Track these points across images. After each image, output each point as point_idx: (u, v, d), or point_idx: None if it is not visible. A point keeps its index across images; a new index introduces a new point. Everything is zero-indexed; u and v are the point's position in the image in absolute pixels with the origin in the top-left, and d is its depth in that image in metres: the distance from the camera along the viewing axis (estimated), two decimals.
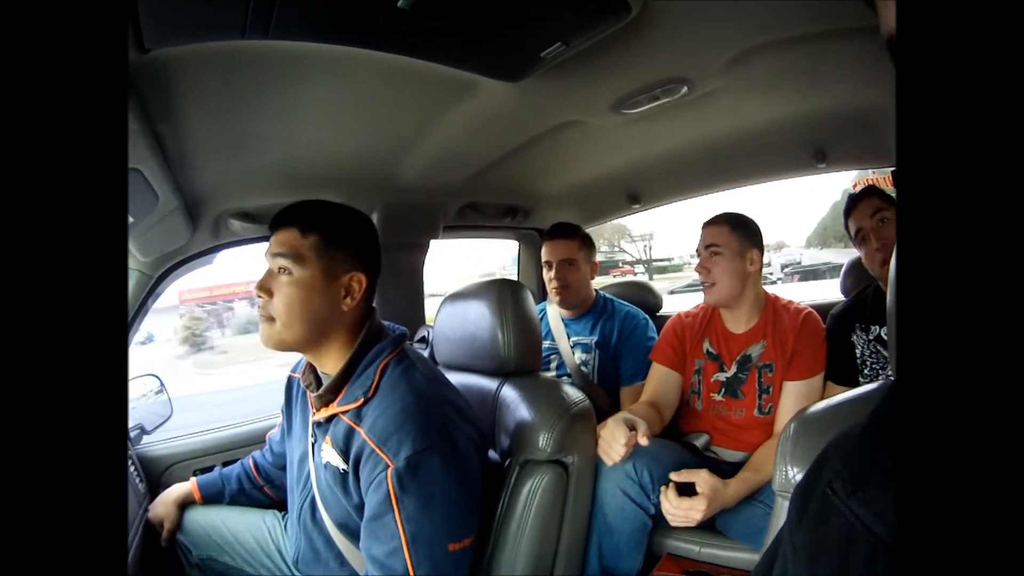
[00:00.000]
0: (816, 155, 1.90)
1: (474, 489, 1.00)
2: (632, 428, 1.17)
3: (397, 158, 1.53)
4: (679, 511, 1.19)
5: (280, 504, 1.38)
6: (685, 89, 1.27)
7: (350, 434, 0.99)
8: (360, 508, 0.98)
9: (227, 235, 1.60)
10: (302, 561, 1.15)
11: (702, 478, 1.21)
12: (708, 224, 1.53)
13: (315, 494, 1.10)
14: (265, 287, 1.00)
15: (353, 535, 1.03)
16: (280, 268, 0.99)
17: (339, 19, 0.84)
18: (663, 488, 1.22)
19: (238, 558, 1.31)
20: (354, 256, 1.03)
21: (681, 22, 1.01)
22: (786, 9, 1.00)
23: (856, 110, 1.52)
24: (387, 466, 0.92)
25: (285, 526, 1.33)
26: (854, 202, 1.52)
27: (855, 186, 1.55)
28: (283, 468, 1.37)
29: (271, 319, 1.00)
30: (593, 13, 0.90)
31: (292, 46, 0.90)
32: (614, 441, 1.15)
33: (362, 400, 0.99)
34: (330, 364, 1.05)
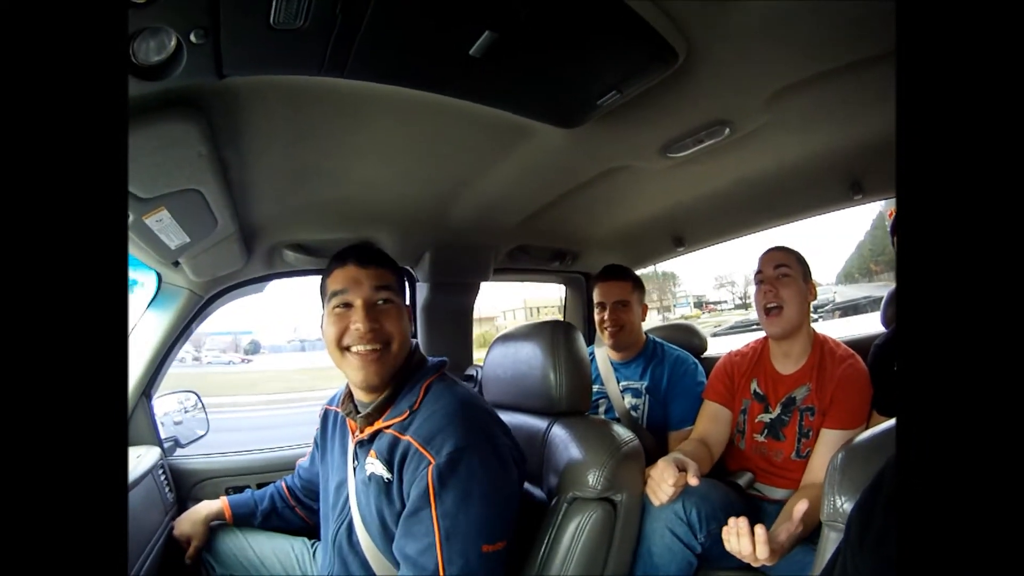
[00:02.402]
0: (852, 187, 1.90)
1: (511, 496, 1.02)
2: (682, 469, 1.15)
3: (451, 199, 1.56)
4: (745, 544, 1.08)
5: (310, 530, 1.39)
6: (728, 131, 1.29)
7: (395, 443, 1.03)
8: (400, 514, 1.01)
9: (281, 265, 1.65)
10: None
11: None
12: (772, 250, 1.51)
13: (353, 517, 1.12)
14: (376, 319, 1.06)
15: (390, 554, 1.04)
16: (384, 299, 1.08)
17: (413, 63, 0.87)
18: (733, 522, 1.10)
19: None
20: (403, 298, 1.13)
21: (724, 65, 1.03)
22: (823, 41, 1.02)
23: (891, 137, 1.51)
24: (429, 463, 0.96)
25: (314, 553, 1.34)
26: None
27: (891, 215, 1.52)
28: (311, 494, 1.39)
29: (387, 344, 1.07)
30: (645, 61, 0.93)
31: (357, 85, 0.93)
32: (663, 482, 1.14)
33: (407, 412, 1.05)
34: (378, 386, 1.10)
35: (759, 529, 1.03)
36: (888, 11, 0.83)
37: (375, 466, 1.06)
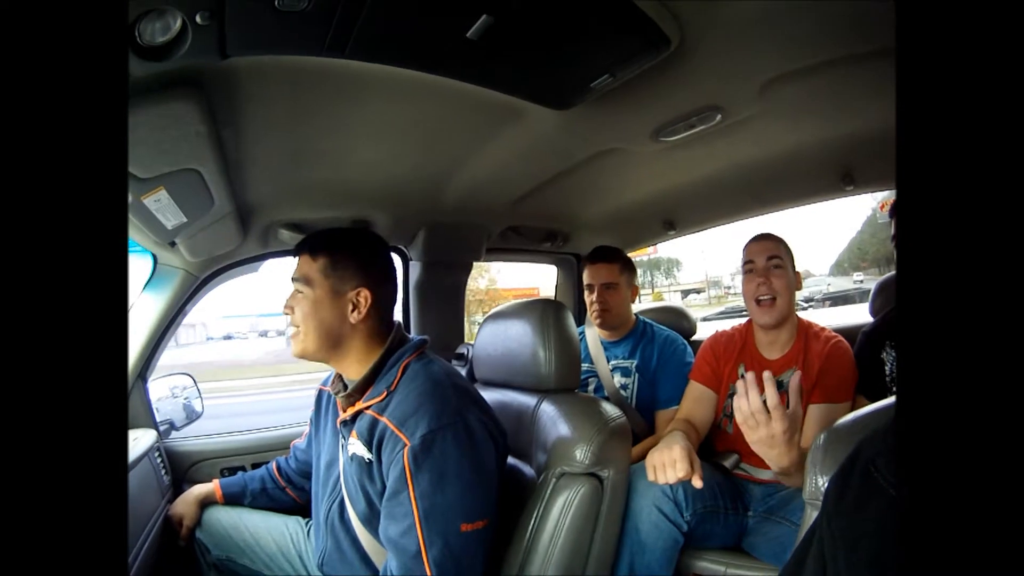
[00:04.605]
0: (844, 178, 1.93)
1: (488, 473, 1.04)
2: (690, 464, 1.13)
3: (445, 179, 1.57)
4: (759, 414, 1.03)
5: (302, 509, 1.41)
6: (719, 117, 1.31)
7: (374, 424, 1.06)
8: (384, 494, 1.04)
9: (276, 244, 1.65)
10: (327, 563, 1.18)
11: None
12: (762, 239, 1.51)
13: (344, 494, 1.15)
14: (289, 305, 1.14)
15: (378, 532, 1.07)
16: (296, 290, 1.13)
17: (412, 44, 0.89)
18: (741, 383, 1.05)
19: (258, 561, 1.34)
20: (362, 273, 1.13)
21: (716, 52, 1.05)
22: (817, 34, 1.03)
23: (883, 131, 1.52)
24: (404, 445, 0.99)
25: (308, 532, 1.36)
26: None
27: (882, 208, 1.55)
28: (306, 475, 1.41)
29: (296, 331, 1.13)
30: (638, 47, 0.95)
31: (355, 66, 0.94)
32: (670, 468, 1.12)
33: (385, 393, 1.08)
34: (352, 370, 1.15)
35: (769, 389, 1.01)
36: (884, 7, 0.85)
37: (356, 446, 1.09)
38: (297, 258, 1.16)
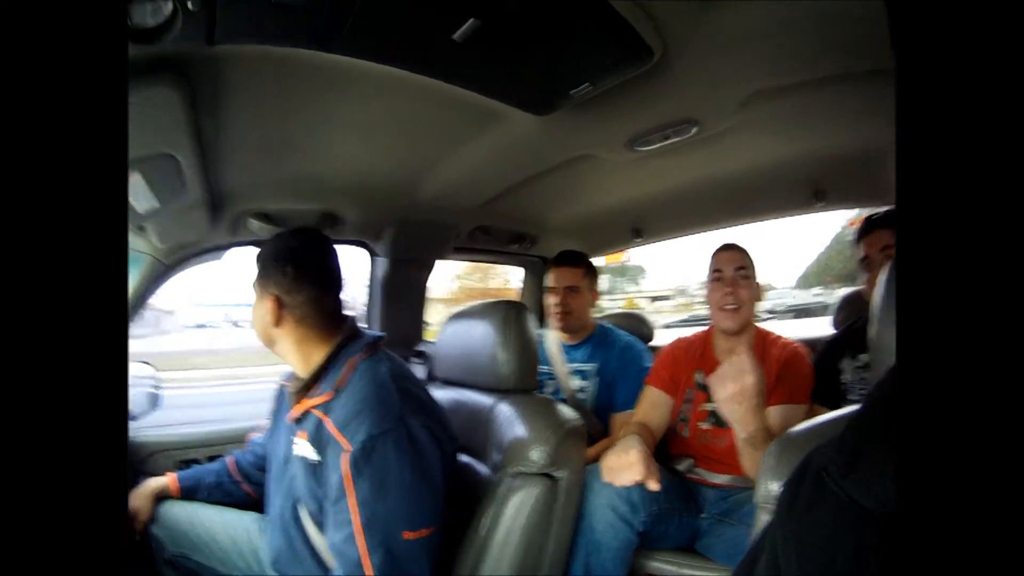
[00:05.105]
0: (816, 194, 1.99)
1: (431, 480, 1.03)
2: (646, 467, 1.17)
3: (418, 177, 1.58)
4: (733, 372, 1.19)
5: (258, 504, 1.38)
6: (695, 129, 1.34)
7: (319, 425, 1.04)
8: None
9: (244, 234, 1.62)
10: (282, 561, 1.16)
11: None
12: (731, 249, 1.54)
13: (297, 493, 1.13)
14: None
15: None
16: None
17: (400, 44, 0.90)
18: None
19: (212, 558, 1.30)
20: (271, 285, 1.14)
21: (696, 67, 1.07)
22: (798, 54, 1.07)
23: (856, 151, 1.58)
24: (345, 450, 0.97)
25: (263, 528, 1.34)
26: (871, 227, 1.52)
27: (851, 225, 1.61)
28: (263, 469, 1.38)
29: None
30: (620, 57, 0.98)
31: (338, 60, 0.94)
32: (627, 470, 1.16)
33: (332, 393, 1.07)
34: (299, 367, 1.15)
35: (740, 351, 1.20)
36: (867, 31, 0.89)
37: (304, 447, 1.07)
38: None
